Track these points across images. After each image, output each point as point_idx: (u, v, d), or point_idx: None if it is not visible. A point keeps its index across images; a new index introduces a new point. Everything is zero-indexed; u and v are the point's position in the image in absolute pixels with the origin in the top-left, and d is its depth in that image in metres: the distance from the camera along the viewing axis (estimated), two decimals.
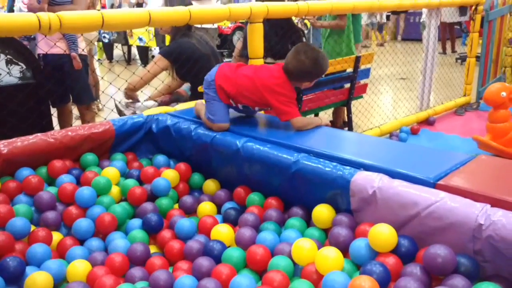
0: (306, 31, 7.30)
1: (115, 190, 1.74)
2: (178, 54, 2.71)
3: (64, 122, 3.29)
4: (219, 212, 1.70)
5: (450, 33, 8.58)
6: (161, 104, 2.76)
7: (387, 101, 4.99)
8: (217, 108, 1.82)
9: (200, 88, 2.43)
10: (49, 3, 3.07)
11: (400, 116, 3.98)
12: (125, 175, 1.87)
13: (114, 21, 1.86)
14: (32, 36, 3.52)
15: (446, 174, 1.30)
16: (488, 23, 4.21)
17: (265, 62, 2.68)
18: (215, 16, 2.22)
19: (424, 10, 4.18)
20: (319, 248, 1.25)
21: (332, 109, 3.57)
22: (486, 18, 4.16)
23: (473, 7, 4.18)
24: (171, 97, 2.91)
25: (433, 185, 1.25)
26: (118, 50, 8.68)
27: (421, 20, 4.43)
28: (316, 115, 3.30)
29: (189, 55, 2.70)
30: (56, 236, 1.49)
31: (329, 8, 2.67)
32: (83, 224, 1.50)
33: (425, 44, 4.04)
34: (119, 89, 2.38)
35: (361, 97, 3.57)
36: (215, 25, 4.95)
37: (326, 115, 3.65)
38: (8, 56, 2.31)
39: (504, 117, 2.95)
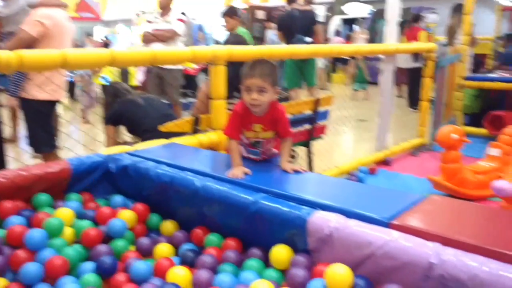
0: None
1: (68, 232, 1.67)
2: (118, 116, 2.94)
3: None
4: (177, 253, 1.67)
5: (406, 78, 9.00)
6: None
7: (346, 142, 5.12)
8: None
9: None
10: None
11: (358, 156, 4.08)
12: (80, 216, 1.81)
13: (77, 60, 1.86)
14: None
15: (399, 213, 1.33)
16: (440, 69, 4.46)
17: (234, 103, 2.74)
18: (178, 57, 2.25)
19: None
20: None
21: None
22: (438, 65, 4.41)
23: (425, 54, 4.43)
24: None
25: (387, 224, 1.28)
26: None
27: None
28: None
29: (131, 113, 2.90)
30: (1, 282, 1.41)
31: (290, 52, 2.77)
32: (31, 268, 1.42)
33: (381, 87, 4.22)
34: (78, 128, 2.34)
35: (321, 137, 3.65)
36: (180, 66, 5.01)
37: None
38: None
39: (455, 158, 3.09)
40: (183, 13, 6.58)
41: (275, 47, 2.67)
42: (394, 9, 4.13)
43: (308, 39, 5.42)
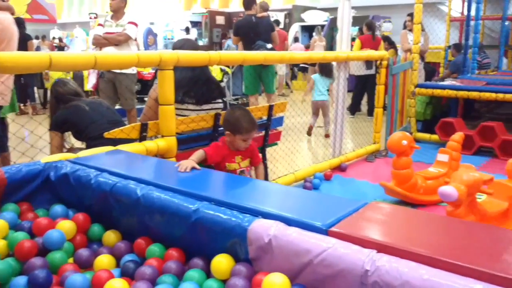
0: (226, 80, 7.51)
1: (1, 244, 1.58)
2: (61, 122, 2.80)
3: None
4: (119, 265, 1.61)
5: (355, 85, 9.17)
6: None
7: (302, 148, 5.16)
8: None
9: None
10: None
11: (314, 162, 4.11)
12: (16, 227, 1.72)
13: (12, 63, 1.77)
14: None
15: (339, 220, 1.33)
16: (392, 77, 4.57)
17: (185, 109, 2.69)
18: (122, 62, 2.18)
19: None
20: None
21: None
22: (390, 72, 4.52)
23: (378, 62, 4.53)
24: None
25: (326, 232, 1.27)
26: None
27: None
28: None
29: (75, 119, 2.78)
30: None
31: (241, 58, 2.75)
32: None
33: (335, 94, 4.28)
34: (32, 132, 2.24)
35: (276, 144, 3.65)
36: (135, 71, 4.90)
37: None
38: None
39: (406, 164, 3.16)
40: (151, 23, 6.48)
41: (225, 53, 2.64)
42: (346, 17, 4.21)
43: (268, 45, 5.47)
